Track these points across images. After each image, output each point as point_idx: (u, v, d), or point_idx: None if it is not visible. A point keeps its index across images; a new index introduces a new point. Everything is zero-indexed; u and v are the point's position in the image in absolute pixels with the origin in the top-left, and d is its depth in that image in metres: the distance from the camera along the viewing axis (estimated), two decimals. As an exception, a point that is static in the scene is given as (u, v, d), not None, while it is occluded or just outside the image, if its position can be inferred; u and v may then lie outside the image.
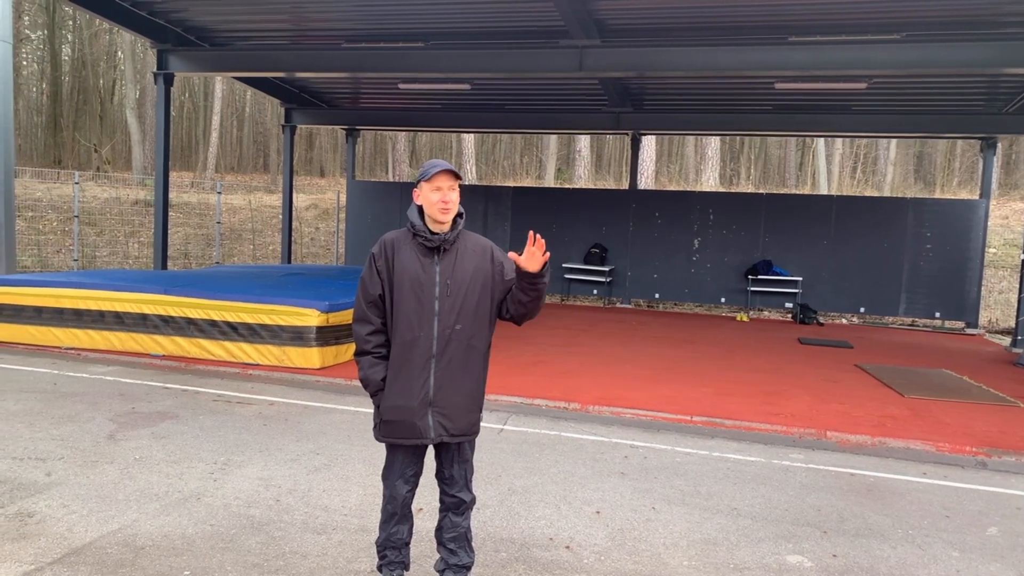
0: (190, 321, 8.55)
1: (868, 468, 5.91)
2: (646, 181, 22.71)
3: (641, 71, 10.89)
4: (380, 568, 3.47)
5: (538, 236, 3.04)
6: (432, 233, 3.15)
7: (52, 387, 7.34)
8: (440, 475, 3.40)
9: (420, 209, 3.19)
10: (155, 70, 12.49)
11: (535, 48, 11.12)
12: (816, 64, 10.06)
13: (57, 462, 5.24)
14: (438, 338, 3.16)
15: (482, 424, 3.50)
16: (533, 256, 3.02)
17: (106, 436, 5.86)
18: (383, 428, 3.28)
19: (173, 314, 8.62)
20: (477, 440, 3.53)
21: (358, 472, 5.26)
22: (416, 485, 3.43)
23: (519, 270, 3.07)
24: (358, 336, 3.29)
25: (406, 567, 3.48)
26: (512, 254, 3.09)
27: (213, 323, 8.46)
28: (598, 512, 4.73)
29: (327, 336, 8.32)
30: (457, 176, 3.15)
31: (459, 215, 3.23)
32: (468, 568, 3.45)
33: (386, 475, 3.40)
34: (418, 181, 3.18)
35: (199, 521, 4.35)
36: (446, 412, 3.21)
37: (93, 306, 8.86)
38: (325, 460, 5.50)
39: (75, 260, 15.63)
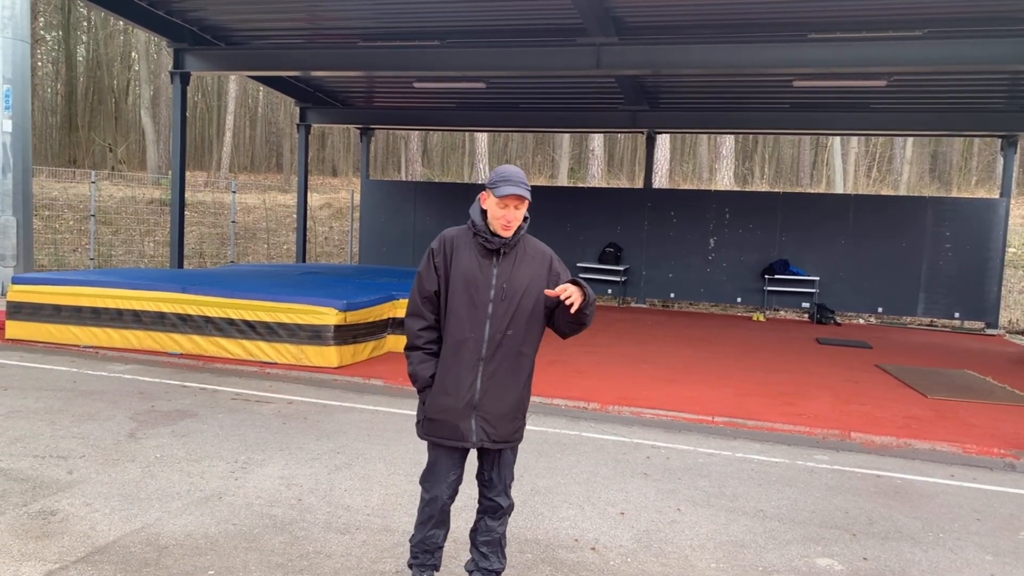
0: (208, 319, 8.54)
1: (895, 470, 5.83)
2: (660, 180, 22.62)
3: (659, 69, 10.81)
4: (411, 566, 3.43)
5: (552, 293, 3.04)
6: (493, 235, 3.11)
7: (72, 385, 7.35)
8: (480, 477, 3.35)
9: (484, 210, 3.14)
10: (171, 69, 12.52)
11: (552, 46, 11.06)
12: (836, 61, 9.96)
13: (79, 460, 5.23)
14: (488, 341, 3.12)
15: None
16: (572, 301, 3.00)
17: (127, 434, 5.85)
18: (426, 425, 3.25)
19: (191, 312, 8.62)
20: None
21: (379, 471, 5.22)
22: (457, 491, 3.36)
23: (570, 310, 3.05)
24: (410, 330, 3.25)
25: (436, 568, 3.45)
26: (551, 292, 3.06)
27: (231, 321, 8.46)
28: (622, 513, 4.68)
29: (345, 335, 8.29)
30: (527, 196, 3.08)
31: (523, 218, 3.18)
32: (498, 573, 3.41)
33: (427, 477, 3.33)
34: (488, 188, 3.13)
35: (222, 520, 4.33)
36: (489, 417, 3.16)
37: (111, 304, 8.87)
38: (346, 459, 5.47)
39: (91, 259, 15.70)
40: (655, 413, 6.93)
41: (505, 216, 3.06)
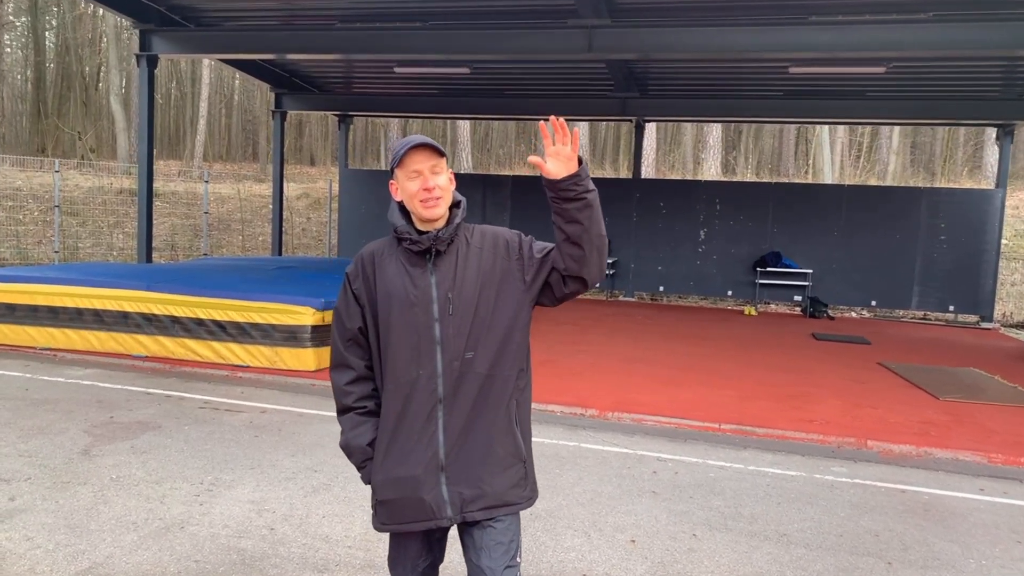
0: (175, 320, 7.96)
1: (919, 483, 5.41)
2: (646, 170, 22.13)
3: (653, 53, 10.29)
4: None
5: (555, 119, 2.15)
6: (420, 232, 2.30)
7: (23, 393, 6.75)
8: (467, 559, 2.35)
9: (403, 206, 2.35)
10: (137, 52, 11.81)
11: (541, 28, 10.50)
12: (838, 45, 9.49)
13: (23, 483, 4.67)
14: (444, 374, 2.25)
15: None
16: (559, 153, 2.17)
17: (80, 451, 5.29)
18: (380, 512, 2.34)
19: (156, 312, 8.02)
20: None
21: (361, 493, 4.70)
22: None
23: (551, 186, 2.21)
24: (336, 387, 2.42)
25: None
26: (533, 158, 2.22)
27: (199, 322, 7.88)
28: (633, 541, 4.21)
29: (323, 336, 7.75)
30: (439, 151, 2.27)
31: (455, 204, 2.34)
32: None
33: (391, 565, 2.47)
34: (391, 170, 2.33)
35: (182, 556, 3.80)
36: (467, 476, 2.27)
37: (70, 303, 8.26)
38: (324, 479, 4.95)
39: (56, 252, 14.97)
40: (657, 420, 6.47)
41: (422, 186, 2.24)
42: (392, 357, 2.30)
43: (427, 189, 2.24)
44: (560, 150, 2.18)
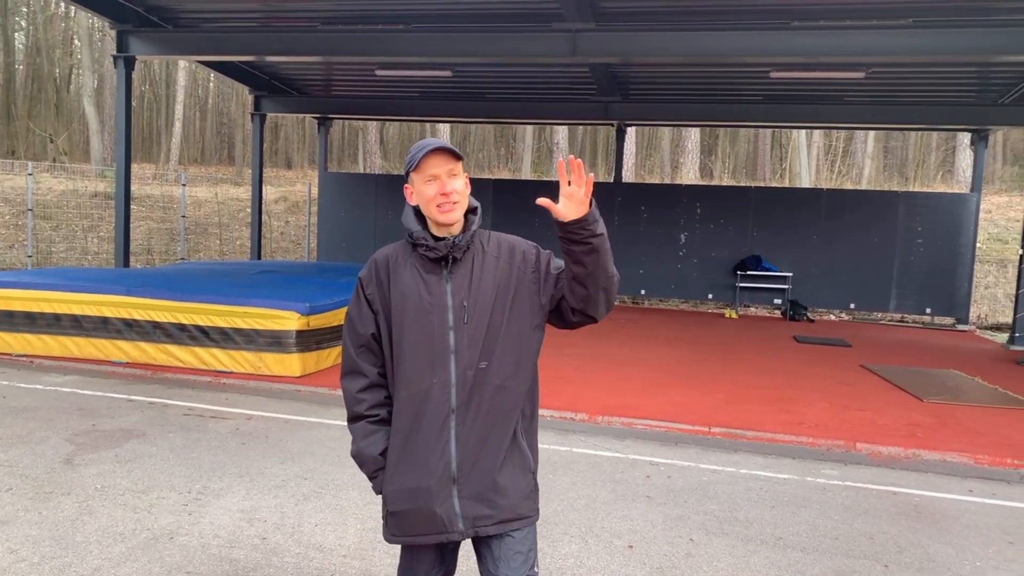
0: (156, 325, 7.81)
1: (909, 485, 5.44)
2: (626, 174, 22.19)
3: (638, 56, 10.29)
4: None
5: (575, 160, 2.09)
6: (436, 238, 2.25)
7: (1, 401, 6.58)
8: (483, 568, 2.31)
9: (417, 210, 2.30)
10: (115, 53, 11.60)
11: (526, 32, 10.48)
12: (819, 50, 9.56)
13: (4, 494, 4.55)
14: (458, 384, 2.21)
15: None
16: (572, 196, 2.08)
17: (62, 460, 5.16)
18: (391, 523, 2.29)
19: (137, 317, 7.87)
20: None
21: (353, 501, 4.64)
22: None
23: (559, 226, 2.13)
24: (348, 395, 2.35)
25: None
26: (542, 200, 2.18)
27: (182, 327, 7.74)
28: (631, 547, 4.18)
29: (308, 340, 7.64)
30: (457, 155, 2.22)
31: (471, 210, 2.30)
32: None
33: None
34: (407, 173, 2.27)
35: (173, 568, 3.72)
36: (480, 490, 2.21)
37: (47, 309, 8.08)
38: (315, 486, 4.87)
39: (29, 256, 14.68)
40: (647, 424, 6.46)
41: (439, 191, 2.19)
42: (405, 365, 2.25)
43: (444, 194, 2.19)
44: (575, 192, 2.09)
